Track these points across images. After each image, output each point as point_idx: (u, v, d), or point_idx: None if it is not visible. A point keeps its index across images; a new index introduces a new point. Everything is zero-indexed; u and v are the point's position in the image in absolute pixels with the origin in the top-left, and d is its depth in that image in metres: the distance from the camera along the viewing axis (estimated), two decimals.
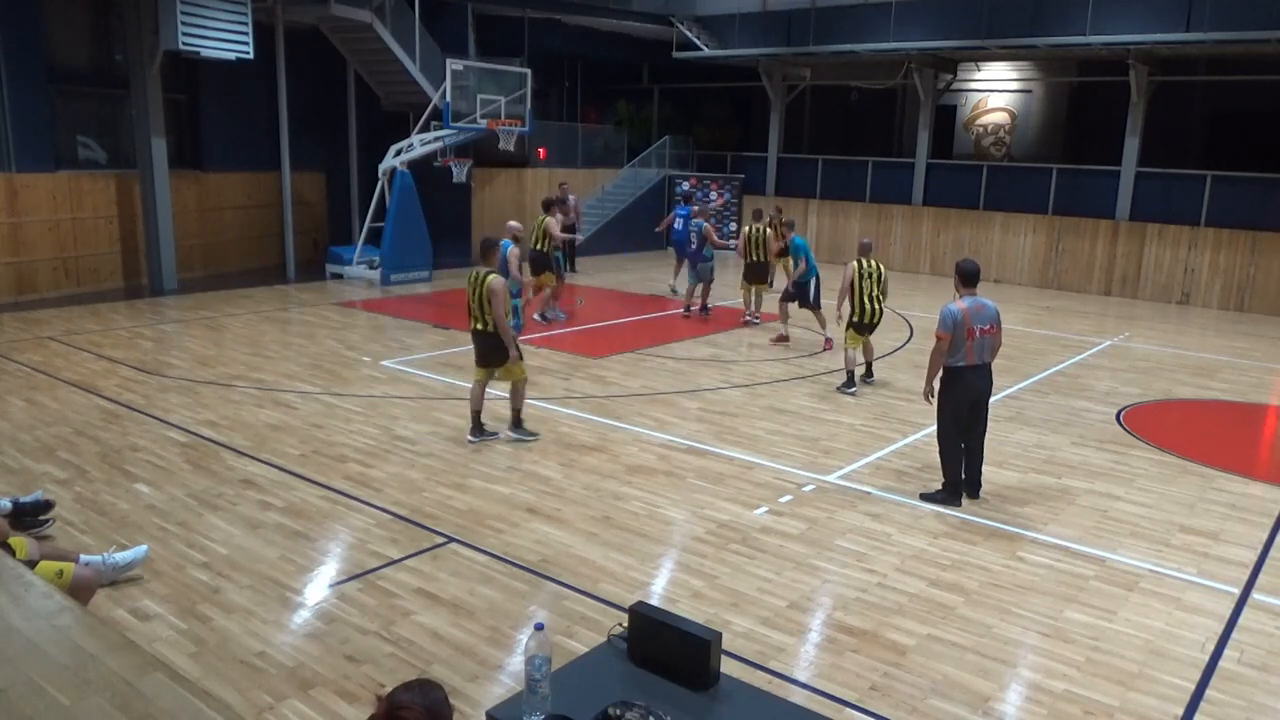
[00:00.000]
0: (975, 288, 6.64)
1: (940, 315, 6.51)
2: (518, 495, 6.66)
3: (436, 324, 12.75)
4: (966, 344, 6.44)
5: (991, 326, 6.54)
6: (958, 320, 6.42)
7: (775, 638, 4.81)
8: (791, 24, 20.04)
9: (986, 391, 6.71)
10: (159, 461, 7.11)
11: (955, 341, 6.44)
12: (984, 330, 6.49)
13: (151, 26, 13.39)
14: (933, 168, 20.23)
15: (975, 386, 6.61)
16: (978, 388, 6.62)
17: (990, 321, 6.54)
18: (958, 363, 6.50)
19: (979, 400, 6.68)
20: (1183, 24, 15.45)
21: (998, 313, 6.66)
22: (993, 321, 6.56)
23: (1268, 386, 10.93)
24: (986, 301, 6.62)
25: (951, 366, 6.54)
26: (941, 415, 6.73)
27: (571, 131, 22.24)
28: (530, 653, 2.83)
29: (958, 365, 6.51)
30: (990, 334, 6.53)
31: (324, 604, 5.04)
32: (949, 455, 6.74)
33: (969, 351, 6.46)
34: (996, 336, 6.61)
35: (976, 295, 6.61)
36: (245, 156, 16.82)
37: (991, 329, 6.54)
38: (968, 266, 6.70)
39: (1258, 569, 5.85)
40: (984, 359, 6.56)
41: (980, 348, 6.51)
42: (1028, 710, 4.27)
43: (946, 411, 6.68)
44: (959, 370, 6.53)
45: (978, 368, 6.56)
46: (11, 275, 13.49)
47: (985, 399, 6.74)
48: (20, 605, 2.86)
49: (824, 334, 11.99)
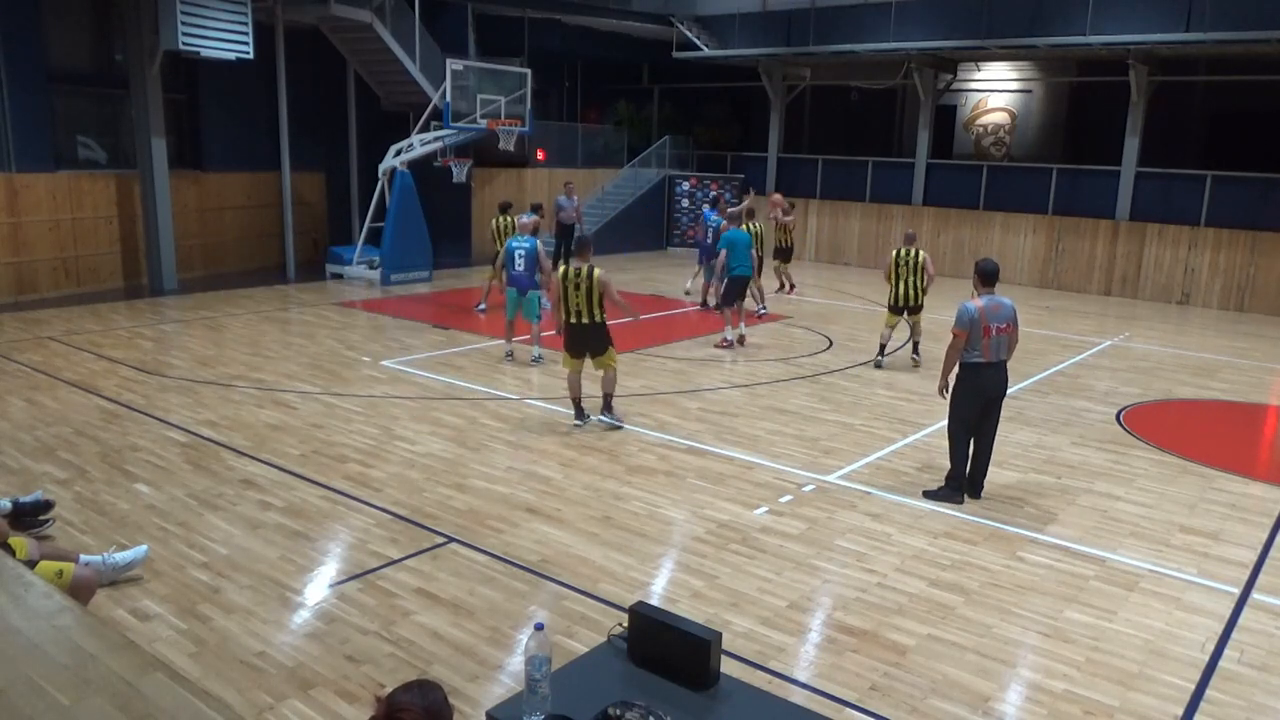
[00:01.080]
0: (994, 286, 6.69)
1: (957, 312, 6.58)
2: (518, 495, 6.66)
3: (436, 324, 12.76)
4: (983, 341, 6.51)
5: (1008, 325, 6.59)
6: (974, 318, 6.49)
7: (775, 638, 4.81)
8: (791, 24, 20.04)
9: (1001, 389, 6.77)
10: (159, 461, 7.11)
11: (972, 339, 6.52)
12: (1000, 328, 6.54)
13: (151, 26, 13.39)
14: (933, 168, 20.23)
15: (991, 383, 6.68)
16: (993, 384, 6.69)
17: (1007, 320, 6.59)
18: (974, 359, 6.57)
19: (993, 398, 6.74)
20: (1183, 24, 15.45)
21: (1015, 311, 6.71)
22: (1009, 320, 6.61)
23: (1268, 386, 10.93)
24: (1004, 300, 6.67)
25: (968, 363, 6.61)
26: (954, 410, 6.82)
27: (571, 131, 22.24)
28: (530, 653, 2.83)
29: (974, 361, 6.58)
30: (1006, 332, 6.59)
31: (324, 604, 5.04)
32: (957, 451, 6.80)
33: (985, 349, 6.53)
34: (1013, 335, 6.67)
35: (994, 294, 6.67)
36: (245, 156, 16.82)
37: (1008, 327, 6.59)
38: (987, 265, 6.75)
39: (1258, 569, 5.85)
40: (1000, 356, 6.62)
41: (997, 345, 6.56)
42: (1028, 710, 4.27)
43: (960, 407, 6.76)
44: (976, 366, 6.60)
45: (994, 365, 6.62)
46: (11, 275, 13.49)
47: (999, 397, 6.80)
48: (20, 605, 2.86)
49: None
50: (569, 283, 7.88)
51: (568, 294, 7.90)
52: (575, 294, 7.89)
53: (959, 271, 19.35)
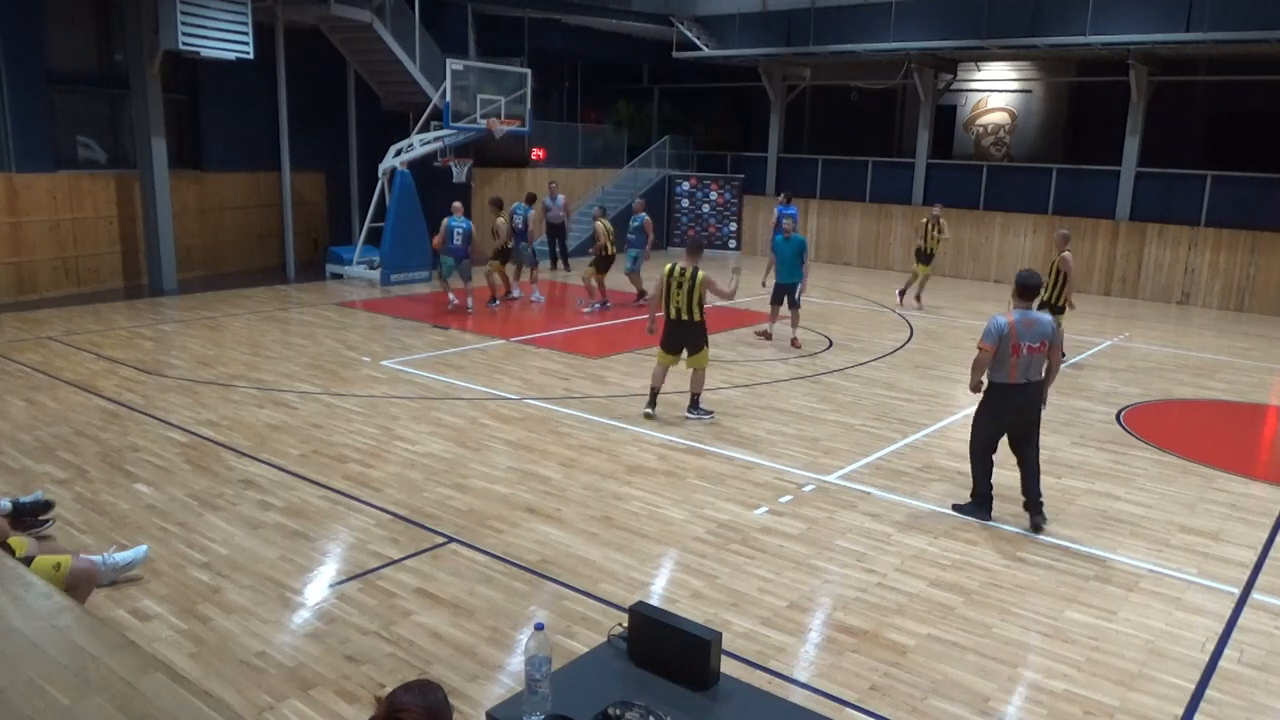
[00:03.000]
0: (1031, 301, 6.21)
1: (986, 325, 6.18)
2: (518, 495, 6.66)
3: (437, 324, 12.76)
4: (1010, 360, 6.06)
5: (1042, 344, 6.09)
6: (1004, 333, 6.06)
7: (775, 638, 4.81)
8: (791, 24, 20.04)
9: (1031, 412, 6.26)
10: (159, 461, 7.11)
11: (999, 356, 6.09)
12: (1031, 347, 6.07)
13: (151, 26, 13.39)
14: (933, 168, 20.23)
15: (1016, 406, 6.22)
16: (1019, 407, 6.22)
17: (1041, 339, 6.09)
18: (1000, 379, 6.16)
19: (1020, 421, 6.28)
20: (1183, 24, 15.44)
21: (1053, 329, 6.17)
22: (1044, 339, 6.10)
23: (1268, 386, 10.93)
24: (1041, 317, 6.17)
25: (994, 382, 6.21)
26: (975, 429, 6.46)
27: (571, 131, 22.23)
28: (530, 653, 2.83)
29: (1000, 382, 6.17)
30: (1039, 352, 6.10)
31: (324, 604, 5.04)
32: (977, 469, 6.48)
33: (1012, 368, 6.09)
34: (1049, 356, 6.17)
35: (1030, 309, 6.18)
36: (245, 156, 16.82)
37: (1042, 346, 6.10)
38: (1026, 279, 6.22)
39: (1258, 569, 5.85)
40: (1029, 377, 6.15)
41: (1025, 365, 6.10)
42: (1028, 710, 4.27)
43: (981, 426, 6.41)
44: (1000, 387, 6.19)
45: (1022, 387, 6.16)
46: (11, 275, 13.49)
47: (1029, 419, 6.29)
48: (20, 605, 2.86)
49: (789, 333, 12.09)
50: (673, 281, 8.25)
51: (670, 292, 8.26)
52: (677, 292, 8.24)
53: (959, 272, 19.37)
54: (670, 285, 8.27)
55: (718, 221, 22.35)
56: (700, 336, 8.42)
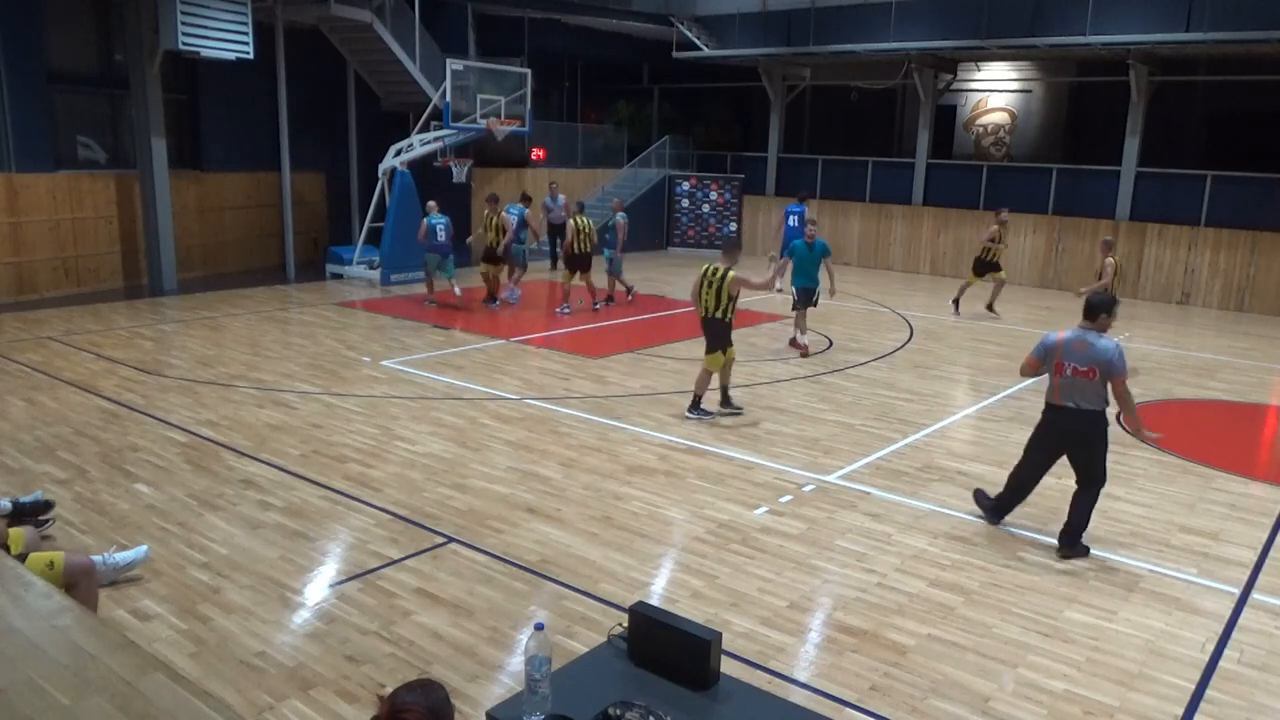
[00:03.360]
0: (1094, 321, 5.82)
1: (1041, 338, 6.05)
2: (518, 495, 6.66)
3: (436, 324, 12.76)
4: (1054, 379, 5.84)
5: (1091, 370, 5.68)
6: (1049, 348, 5.87)
7: (775, 638, 4.81)
8: (791, 24, 20.04)
9: (1075, 440, 5.89)
10: (159, 461, 7.11)
11: (1047, 372, 5.94)
12: (1077, 370, 5.72)
13: (151, 26, 13.39)
14: (933, 168, 20.23)
15: (1058, 430, 5.91)
16: (1061, 432, 5.90)
17: (1091, 364, 5.68)
18: (1047, 397, 5.97)
19: (1060, 446, 5.97)
20: (1183, 24, 15.45)
21: (1109, 358, 5.68)
22: (1094, 364, 5.68)
23: (1268, 386, 10.93)
24: (1099, 341, 5.74)
25: (1047, 401, 6.00)
26: (1029, 441, 6.22)
27: (571, 131, 22.24)
28: (530, 653, 2.83)
29: (1047, 400, 5.97)
30: (1085, 376, 5.70)
31: (324, 604, 5.04)
32: (1014, 475, 6.27)
33: (1056, 389, 5.84)
34: (1095, 382, 5.71)
35: (1088, 330, 5.81)
36: (245, 156, 16.82)
37: (1090, 372, 5.68)
38: (1089, 298, 5.97)
39: (1258, 569, 5.85)
40: (1077, 403, 5.77)
41: (1069, 388, 5.77)
42: (1028, 710, 4.26)
43: (1033, 439, 6.16)
44: (1047, 406, 5.98)
45: (1065, 411, 5.81)
46: (11, 275, 13.49)
47: (1074, 447, 5.92)
48: (20, 605, 2.86)
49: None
50: (705, 279, 8.43)
51: (701, 289, 8.45)
52: (707, 291, 8.41)
53: (959, 272, 19.33)
54: (702, 284, 8.43)
55: (717, 222, 22.34)
56: (720, 336, 8.48)
